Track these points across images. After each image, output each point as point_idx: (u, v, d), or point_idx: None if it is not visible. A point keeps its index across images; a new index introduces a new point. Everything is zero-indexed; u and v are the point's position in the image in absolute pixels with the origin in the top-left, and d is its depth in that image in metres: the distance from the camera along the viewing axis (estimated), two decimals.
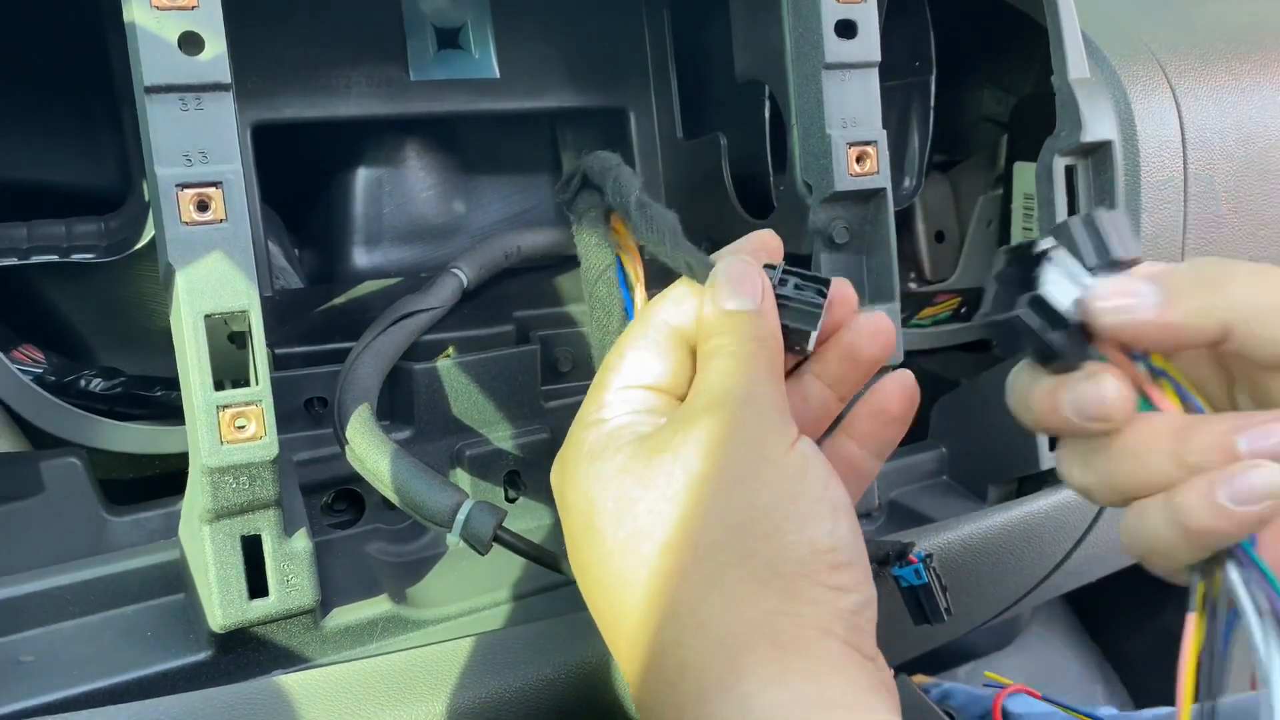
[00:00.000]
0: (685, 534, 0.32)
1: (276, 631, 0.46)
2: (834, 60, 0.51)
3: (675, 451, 0.33)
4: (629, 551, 0.33)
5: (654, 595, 0.32)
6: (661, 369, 0.37)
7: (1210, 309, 0.31)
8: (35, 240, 0.53)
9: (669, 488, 0.33)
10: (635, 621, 0.32)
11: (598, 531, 0.34)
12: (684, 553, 0.32)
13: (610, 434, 0.36)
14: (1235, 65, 0.70)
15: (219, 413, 0.41)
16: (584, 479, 0.35)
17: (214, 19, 0.40)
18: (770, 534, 0.31)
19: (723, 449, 0.33)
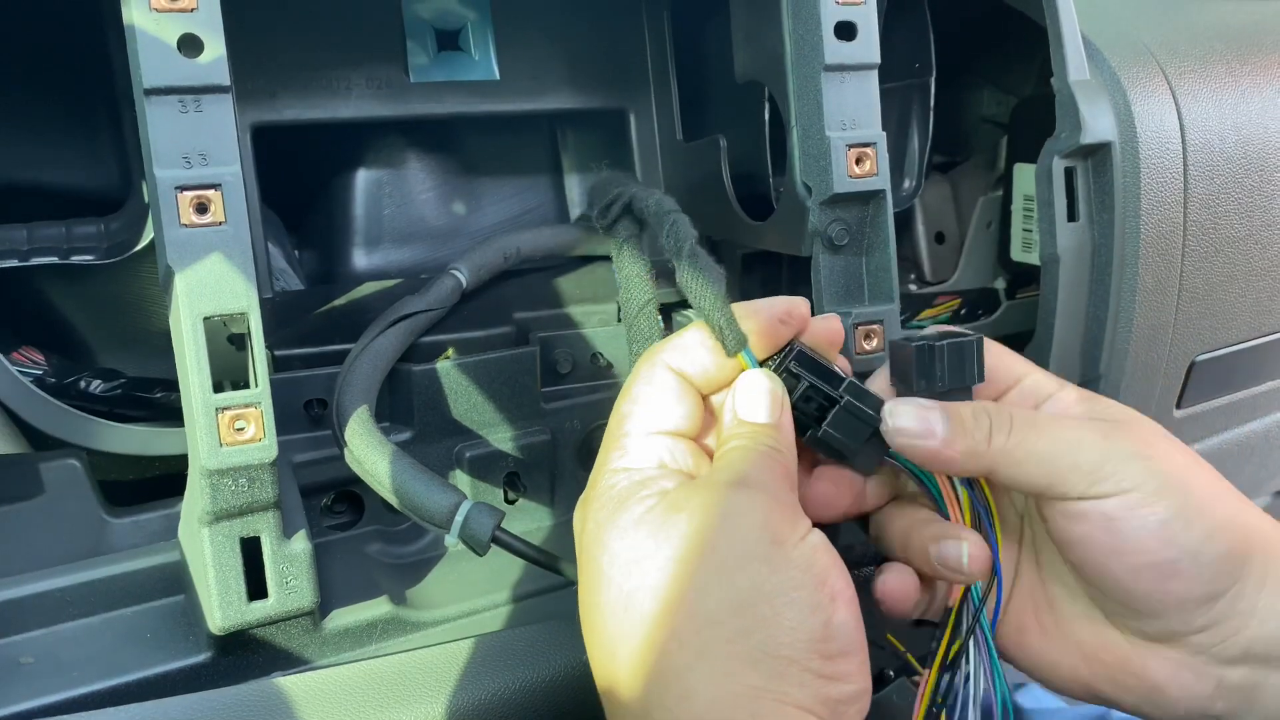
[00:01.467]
0: (687, 600, 0.34)
1: (276, 633, 0.46)
2: (833, 62, 0.51)
3: (692, 516, 0.35)
4: (632, 605, 0.35)
5: (646, 655, 0.34)
6: (679, 415, 0.40)
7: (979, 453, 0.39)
8: (35, 242, 0.53)
9: (681, 549, 0.35)
10: (625, 675, 0.34)
11: (608, 579, 0.36)
12: (683, 618, 0.33)
13: (637, 484, 0.38)
14: (1235, 67, 0.70)
15: (218, 415, 0.41)
16: (604, 526, 0.37)
17: (213, 21, 0.41)
18: (769, 618, 0.33)
19: (738, 527, 0.35)
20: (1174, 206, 0.65)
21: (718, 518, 0.35)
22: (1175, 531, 0.38)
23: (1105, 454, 0.38)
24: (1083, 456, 0.38)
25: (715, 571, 0.34)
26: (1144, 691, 0.40)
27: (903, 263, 0.78)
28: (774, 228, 0.57)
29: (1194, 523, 0.38)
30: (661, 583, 0.34)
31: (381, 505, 0.55)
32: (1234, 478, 0.92)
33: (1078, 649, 0.41)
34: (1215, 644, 0.39)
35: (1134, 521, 0.38)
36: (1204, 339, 0.72)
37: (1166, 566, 0.38)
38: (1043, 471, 0.39)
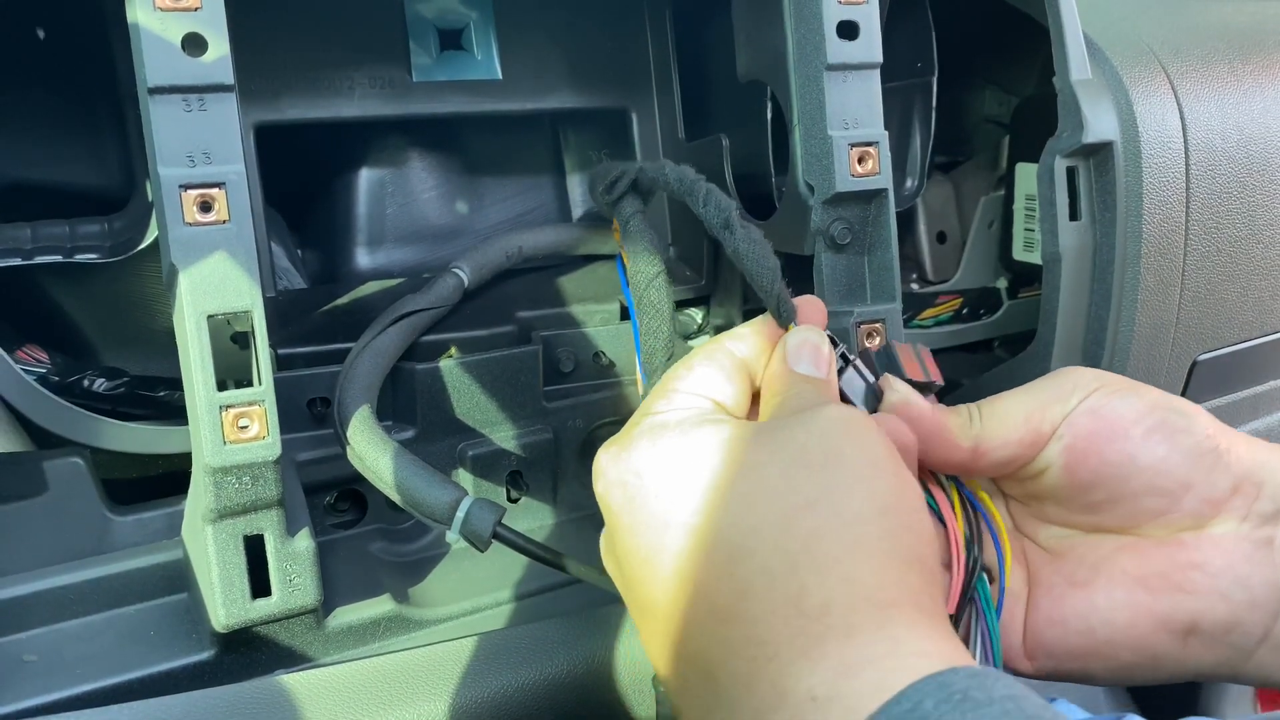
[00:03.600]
0: (830, 500, 0.33)
1: (279, 631, 0.46)
2: (836, 61, 0.51)
3: (807, 426, 0.35)
4: (763, 506, 0.34)
5: (789, 544, 0.33)
6: (730, 390, 0.39)
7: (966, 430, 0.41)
8: (39, 241, 0.53)
9: (806, 456, 0.34)
10: (756, 564, 0.33)
11: (685, 481, 0.35)
12: (827, 515, 0.33)
13: (701, 412, 0.38)
14: (1237, 66, 0.70)
15: (222, 413, 0.41)
16: (665, 439, 0.36)
17: (217, 20, 0.41)
18: (912, 526, 0.34)
19: (863, 436, 0.35)
20: (1176, 206, 0.65)
21: (834, 427, 0.35)
22: (1152, 398, 0.39)
23: (1059, 382, 0.41)
24: (1043, 394, 0.40)
25: (853, 476, 0.34)
26: (1212, 585, 0.38)
27: (905, 262, 0.78)
28: (776, 227, 0.57)
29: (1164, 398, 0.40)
30: (790, 486, 0.34)
31: (384, 503, 0.55)
32: None
33: (1126, 576, 0.40)
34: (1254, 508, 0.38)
35: (1115, 401, 0.39)
36: (1206, 338, 0.72)
37: (1164, 425, 0.39)
38: (1021, 423, 0.40)
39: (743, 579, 0.33)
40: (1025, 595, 0.42)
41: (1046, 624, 0.41)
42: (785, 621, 0.31)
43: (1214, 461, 0.39)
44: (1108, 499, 0.40)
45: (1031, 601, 0.42)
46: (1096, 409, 0.40)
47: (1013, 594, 0.42)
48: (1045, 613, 0.41)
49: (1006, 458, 0.41)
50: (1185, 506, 0.39)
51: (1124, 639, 0.39)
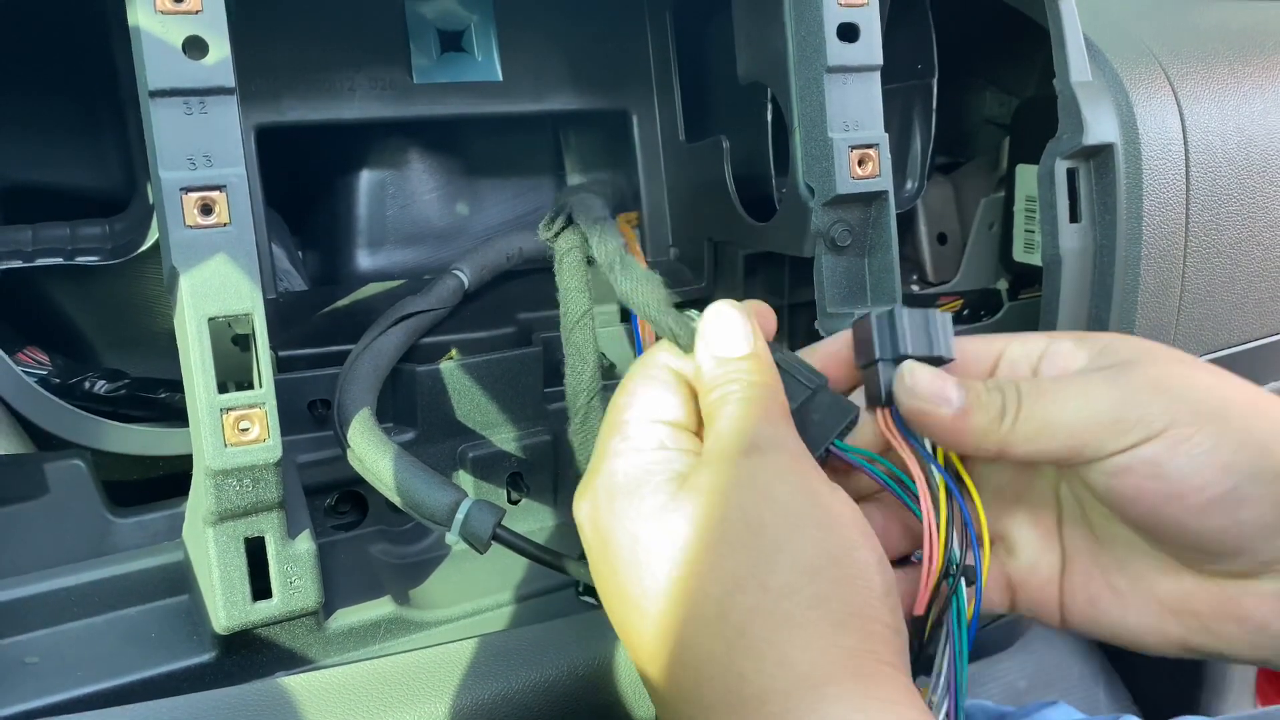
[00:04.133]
0: (755, 575, 0.33)
1: (280, 633, 0.46)
2: (836, 63, 0.51)
3: (724, 495, 0.34)
4: (692, 589, 0.33)
5: (726, 631, 0.32)
6: (676, 405, 0.39)
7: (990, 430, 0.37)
8: (40, 243, 0.53)
9: (727, 531, 0.33)
10: (703, 652, 0.33)
11: (644, 567, 0.35)
12: (755, 592, 0.32)
13: (645, 467, 0.37)
14: (1238, 68, 0.70)
15: (222, 415, 0.41)
16: (624, 513, 0.36)
17: (218, 23, 0.41)
18: (841, 580, 0.33)
19: (777, 496, 0.34)
20: (1176, 208, 0.65)
21: (752, 494, 0.34)
22: (1227, 456, 0.34)
23: (1122, 401, 0.35)
24: (1099, 410, 0.35)
25: (772, 545, 0.33)
26: (1248, 635, 0.37)
27: (905, 263, 0.78)
28: (777, 229, 0.57)
29: (1244, 442, 0.34)
30: (715, 564, 0.33)
31: (385, 505, 0.55)
32: None
33: (1161, 605, 0.38)
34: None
35: (1180, 460, 0.34)
36: (1206, 340, 0.72)
37: (1230, 497, 0.34)
38: (1063, 439, 0.36)
39: (694, 666, 0.33)
40: (1058, 573, 0.41)
41: (1080, 617, 0.40)
42: (730, 710, 0.32)
43: (1271, 529, 0.35)
44: (1149, 538, 0.38)
45: (1066, 587, 0.40)
46: (1157, 463, 0.35)
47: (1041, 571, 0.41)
48: (1080, 608, 0.40)
49: (1032, 463, 0.39)
50: (1235, 564, 0.36)
51: (1150, 649, 0.39)
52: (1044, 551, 0.42)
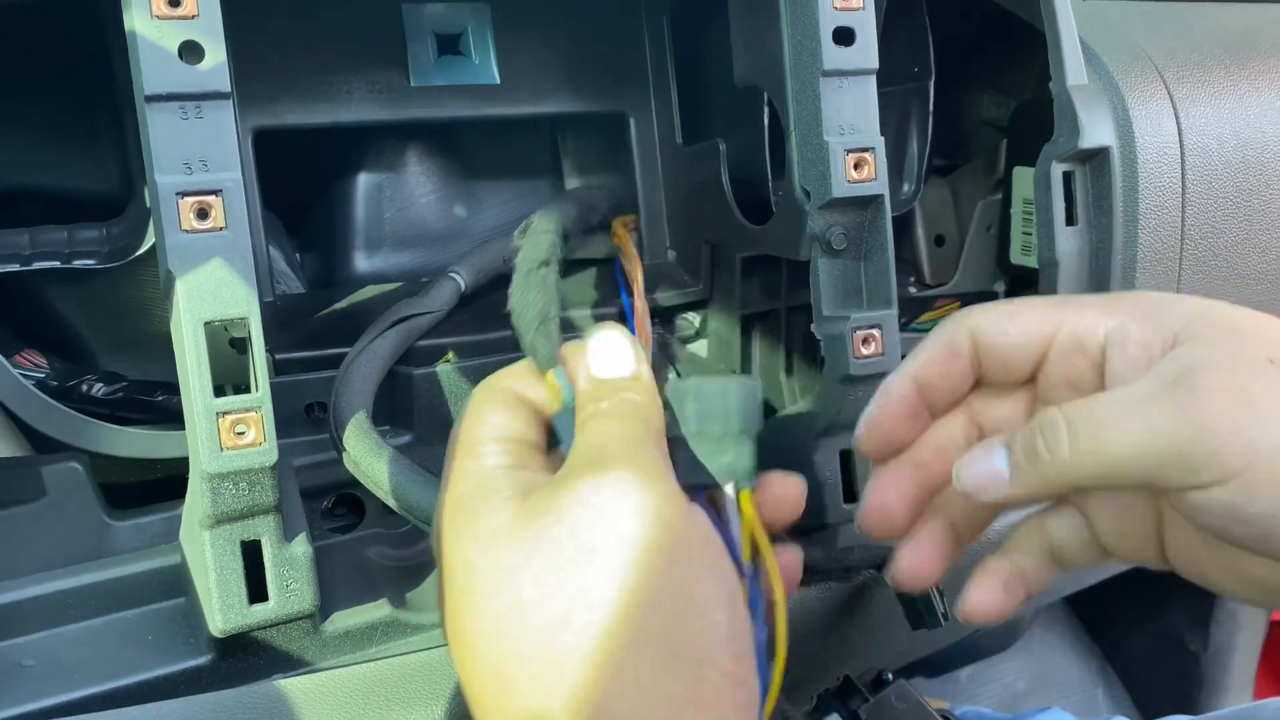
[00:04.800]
0: (578, 610, 0.30)
1: (276, 636, 0.46)
2: (832, 67, 0.51)
3: (559, 515, 0.31)
4: (513, 623, 0.31)
5: (544, 671, 0.30)
6: (523, 424, 0.36)
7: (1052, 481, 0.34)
8: (37, 246, 0.53)
9: (558, 557, 0.31)
10: (521, 695, 0.30)
11: (479, 598, 0.32)
12: (578, 630, 0.30)
13: (487, 485, 0.34)
14: (1234, 71, 0.70)
15: (219, 419, 0.41)
16: (462, 537, 0.33)
17: (214, 28, 0.41)
18: (673, 616, 0.30)
19: (613, 518, 0.31)
20: (1172, 211, 0.65)
21: (588, 513, 0.31)
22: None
23: (1192, 433, 0.30)
24: (1165, 445, 0.31)
25: (603, 573, 0.30)
26: None
27: (902, 265, 0.78)
28: (773, 232, 0.57)
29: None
30: (542, 596, 0.30)
31: (382, 508, 0.55)
32: None
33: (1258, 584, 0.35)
34: None
35: (1263, 506, 0.30)
36: None
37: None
38: (1130, 473, 0.32)
39: (518, 705, 0.30)
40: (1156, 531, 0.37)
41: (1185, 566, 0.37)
42: None
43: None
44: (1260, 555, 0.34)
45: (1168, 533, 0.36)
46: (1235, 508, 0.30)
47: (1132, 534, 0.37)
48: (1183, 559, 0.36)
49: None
50: None
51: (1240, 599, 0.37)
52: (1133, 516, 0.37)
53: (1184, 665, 1.25)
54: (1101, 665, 1.36)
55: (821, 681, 0.61)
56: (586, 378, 0.36)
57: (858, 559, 0.56)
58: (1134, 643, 1.33)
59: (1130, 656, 1.34)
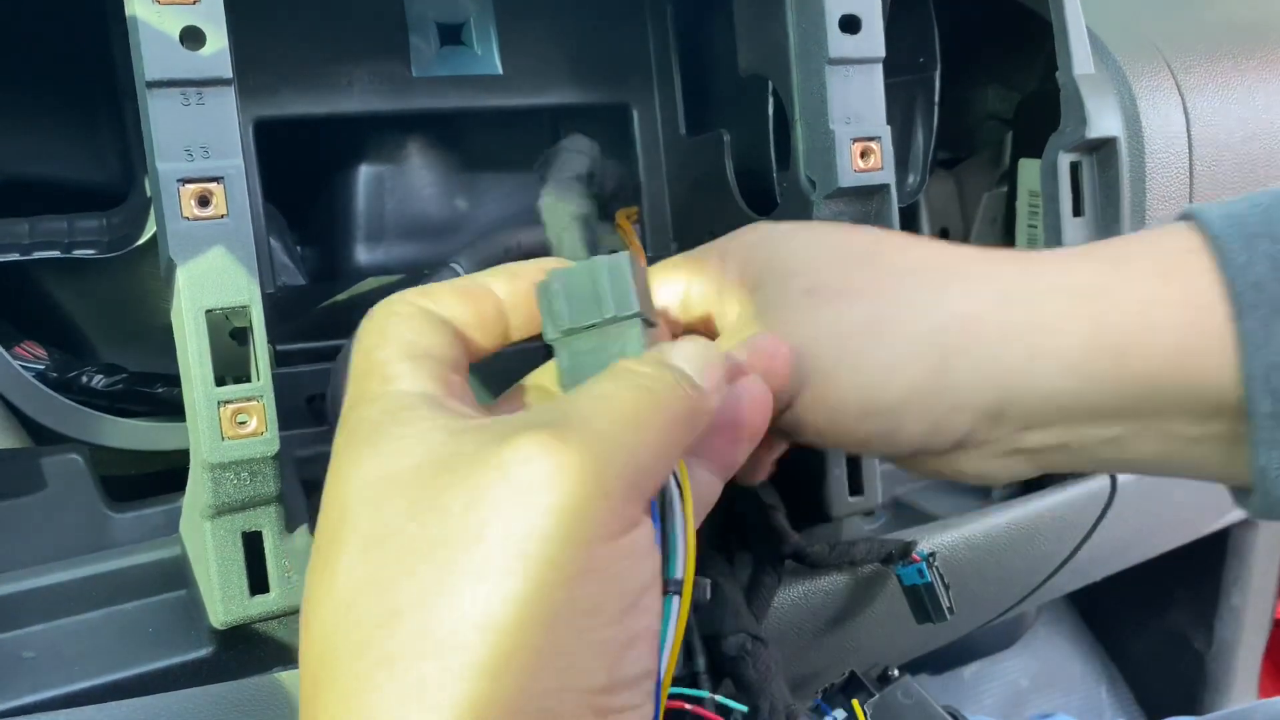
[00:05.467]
0: (441, 599, 0.24)
1: (278, 628, 0.46)
2: (838, 56, 0.50)
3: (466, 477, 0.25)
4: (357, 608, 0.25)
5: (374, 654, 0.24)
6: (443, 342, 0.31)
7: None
8: (37, 236, 0.53)
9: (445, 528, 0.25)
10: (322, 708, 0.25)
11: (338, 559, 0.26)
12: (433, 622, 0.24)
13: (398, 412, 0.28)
14: (1242, 61, 0.70)
15: (220, 408, 0.41)
16: (347, 474, 0.27)
17: (216, 14, 0.40)
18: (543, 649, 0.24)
19: (529, 504, 0.25)
20: (1179, 202, 0.65)
21: (505, 485, 0.25)
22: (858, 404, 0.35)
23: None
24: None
25: (483, 566, 0.24)
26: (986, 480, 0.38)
27: None
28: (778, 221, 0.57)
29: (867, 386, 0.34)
30: (410, 569, 0.24)
31: None
32: None
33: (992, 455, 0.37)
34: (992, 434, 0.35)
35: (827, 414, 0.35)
36: None
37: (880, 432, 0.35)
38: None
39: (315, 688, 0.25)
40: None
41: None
42: None
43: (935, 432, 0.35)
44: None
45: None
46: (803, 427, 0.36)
47: None
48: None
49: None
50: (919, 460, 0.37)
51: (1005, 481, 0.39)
52: None
53: (1188, 663, 1.25)
54: (1105, 663, 1.36)
55: (826, 676, 0.60)
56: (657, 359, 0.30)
57: (862, 552, 0.56)
58: (1137, 641, 1.33)
59: (1134, 655, 1.34)
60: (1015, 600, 0.78)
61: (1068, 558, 0.74)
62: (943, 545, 0.61)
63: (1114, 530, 0.74)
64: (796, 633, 0.59)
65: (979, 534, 0.63)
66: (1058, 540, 0.71)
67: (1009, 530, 0.65)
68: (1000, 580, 0.70)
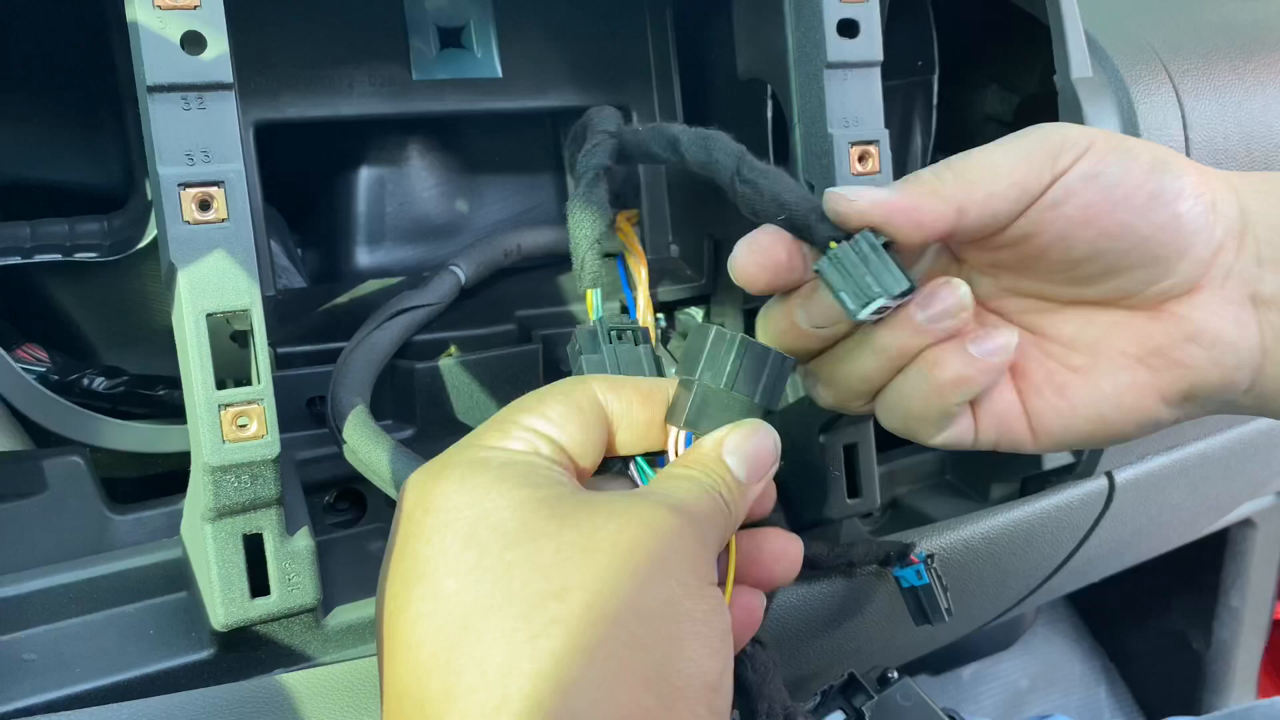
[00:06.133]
0: (590, 589, 0.29)
1: (278, 630, 0.46)
2: (836, 59, 0.50)
3: (612, 512, 0.31)
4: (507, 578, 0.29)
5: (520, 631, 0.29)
6: (580, 437, 0.35)
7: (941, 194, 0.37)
8: (38, 239, 0.53)
9: (592, 538, 0.30)
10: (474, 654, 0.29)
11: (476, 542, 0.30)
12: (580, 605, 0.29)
13: (529, 464, 0.33)
14: (1239, 65, 0.70)
15: (221, 411, 0.41)
16: (486, 488, 0.31)
17: (216, 18, 0.41)
18: (674, 639, 0.30)
19: (663, 539, 0.31)
20: None
21: (643, 523, 0.31)
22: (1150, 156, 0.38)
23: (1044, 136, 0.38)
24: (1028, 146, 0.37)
25: (630, 571, 0.30)
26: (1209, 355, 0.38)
27: None
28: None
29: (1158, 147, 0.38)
30: (559, 562, 0.29)
31: (384, 503, 0.55)
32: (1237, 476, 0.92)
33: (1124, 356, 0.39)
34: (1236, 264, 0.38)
35: (1113, 166, 0.37)
36: None
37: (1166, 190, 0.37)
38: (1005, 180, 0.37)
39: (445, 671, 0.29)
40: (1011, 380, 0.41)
41: (1054, 413, 0.40)
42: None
43: (1206, 221, 0.38)
44: (1102, 271, 0.39)
45: (1030, 388, 0.41)
46: (1094, 175, 0.37)
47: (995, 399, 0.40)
48: (1050, 401, 0.40)
49: (992, 216, 0.38)
50: (1179, 273, 0.38)
51: (1130, 418, 0.40)
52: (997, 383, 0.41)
53: (1187, 663, 1.25)
54: (1104, 663, 1.36)
55: (824, 678, 0.60)
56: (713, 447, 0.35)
57: (861, 554, 0.56)
58: (1137, 641, 1.33)
59: (1133, 655, 1.34)
60: (1014, 601, 0.78)
61: (1066, 559, 0.74)
62: (941, 547, 0.61)
63: (1112, 531, 0.74)
64: (795, 634, 0.59)
65: (977, 536, 0.63)
66: (1056, 541, 0.71)
67: (1008, 532, 0.65)
68: (999, 581, 0.70)
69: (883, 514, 0.66)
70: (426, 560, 0.31)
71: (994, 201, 0.37)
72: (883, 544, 0.56)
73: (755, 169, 0.42)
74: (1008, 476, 0.67)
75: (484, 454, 0.33)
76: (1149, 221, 0.37)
